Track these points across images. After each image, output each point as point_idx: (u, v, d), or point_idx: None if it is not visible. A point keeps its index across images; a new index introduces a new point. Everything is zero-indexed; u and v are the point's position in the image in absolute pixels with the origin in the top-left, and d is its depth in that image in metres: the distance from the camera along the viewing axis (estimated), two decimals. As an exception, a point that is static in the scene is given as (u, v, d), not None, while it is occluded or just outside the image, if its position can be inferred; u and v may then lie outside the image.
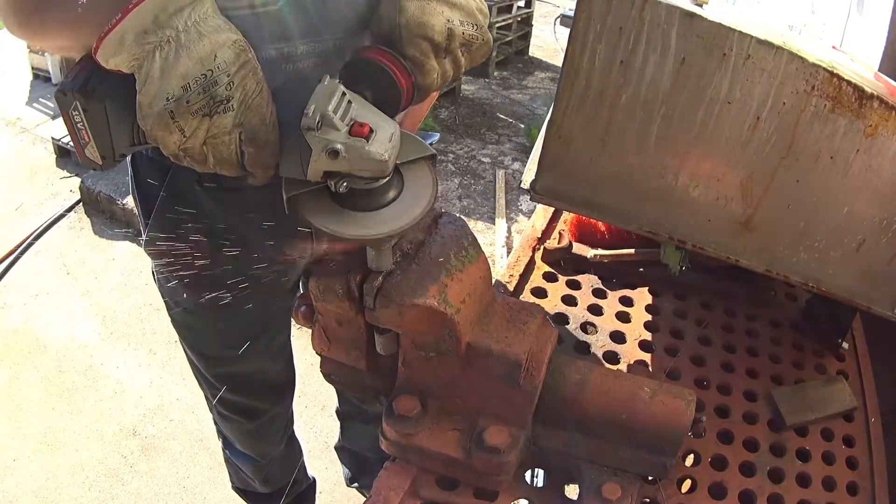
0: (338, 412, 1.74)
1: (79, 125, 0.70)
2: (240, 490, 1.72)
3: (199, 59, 0.62)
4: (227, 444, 1.57)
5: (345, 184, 0.67)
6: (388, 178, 0.70)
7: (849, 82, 0.68)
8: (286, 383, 1.45)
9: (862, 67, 0.76)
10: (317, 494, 1.92)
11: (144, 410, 2.37)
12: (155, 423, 2.32)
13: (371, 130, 0.66)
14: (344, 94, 0.67)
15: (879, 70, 0.85)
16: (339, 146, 0.64)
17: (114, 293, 2.83)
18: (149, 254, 1.12)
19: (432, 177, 0.74)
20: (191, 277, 1.10)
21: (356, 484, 1.94)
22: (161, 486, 2.13)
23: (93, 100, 0.69)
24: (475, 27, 0.81)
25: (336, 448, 1.87)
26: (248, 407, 1.41)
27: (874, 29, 0.95)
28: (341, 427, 1.76)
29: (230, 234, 1.04)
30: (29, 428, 2.28)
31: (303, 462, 1.77)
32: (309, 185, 0.69)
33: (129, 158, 1.05)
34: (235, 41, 0.64)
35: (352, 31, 0.85)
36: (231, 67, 0.63)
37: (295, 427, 1.66)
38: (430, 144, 0.90)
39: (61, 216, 3.30)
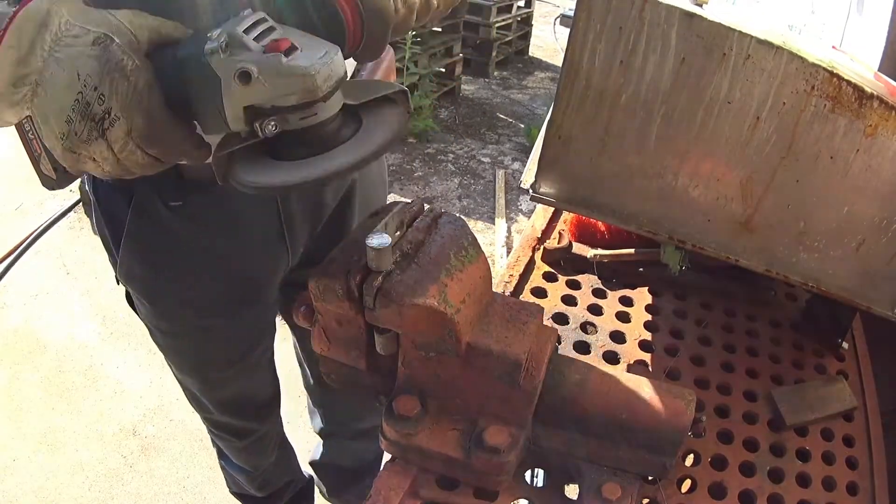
0: (321, 433, 1.71)
1: (30, 135, 0.65)
2: (237, 494, 1.73)
3: (65, 86, 0.57)
4: (221, 455, 1.58)
5: (273, 123, 0.57)
6: (332, 115, 0.59)
7: (849, 82, 0.68)
8: (273, 398, 1.44)
9: (862, 67, 0.76)
10: (318, 494, 1.92)
11: (144, 410, 2.37)
12: (155, 423, 2.33)
13: (294, 47, 0.56)
14: (265, 20, 0.57)
15: (879, 70, 0.85)
16: (250, 66, 0.54)
17: (114, 293, 2.83)
18: (123, 282, 1.06)
19: (396, 118, 0.63)
20: (169, 302, 1.06)
21: (335, 499, 1.90)
22: (161, 486, 2.13)
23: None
24: None
25: (312, 463, 1.81)
26: (239, 427, 1.40)
27: (874, 29, 0.95)
28: (324, 445, 1.73)
29: (202, 253, 0.99)
30: (29, 428, 2.28)
31: (297, 463, 1.77)
32: (239, 142, 0.59)
33: (90, 188, 0.98)
34: (94, 41, 0.56)
35: None
36: (96, 80, 0.56)
37: (293, 427, 1.66)
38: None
39: (61, 216, 3.31)
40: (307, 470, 1.84)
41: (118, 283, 1.07)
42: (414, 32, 4.05)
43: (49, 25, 0.56)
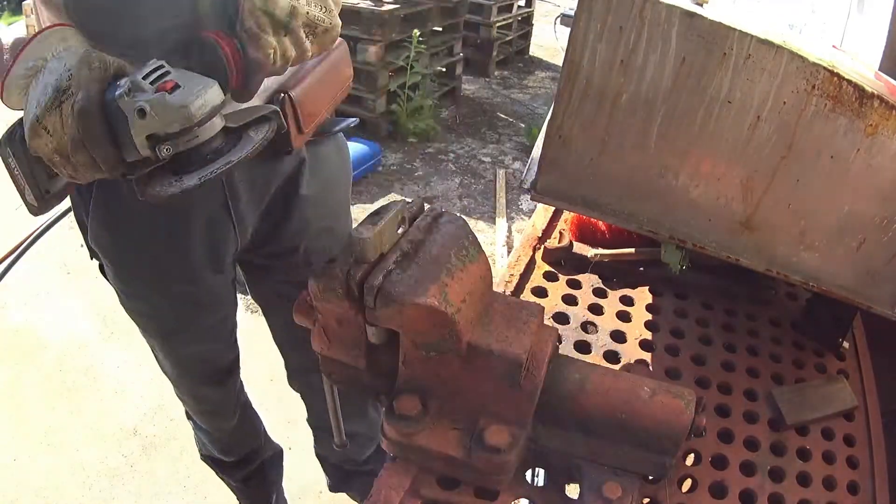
0: (308, 421, 1.74)
1: (15, 171, 0.82)
2: (207, 458, 1.78)
3: (54, 69, 0.76)
4: (187, 415, 1.67)
5: (167, 148, 0.74)
6: (211, 136, 0.76)
7: (849, 81, 0.68)
8: (230, 365, 1.50)
9: (862, 66, 0.76)
10: (318, 494, 1.92)
11: (145, 410, 2.37)
12: (155, 423, 2.33)
13: (177, 86, 0.73)
14: (162, 66, 0.75)
15: (880, 69, 0.85)
16: (143, 104, 0.71)
17: (114, 293, 2.82)
18: (93, 246, 1.18)
19: (268, 127, 0.81)
20: (130, 267, 1.18)
21: (341, 491, 1.92)
22: (161, 486, 2.13)
23: (18, 144, 0.80)
24: (323, 10, 0.83)
25: (317, 454, 1.85)
26: (196, 390, 1.50)
27: (874, 28, 0.95)
28: (314, 436, 1.76)
29: (155, 224, 1.10)
30: (29, 427, 2.28)
31: (264, 431, 1.81)
32: (149, 164, 0.77)
33: None
34: (86, 50, 0.76)
35: (194, 13, 0.88)
36: (73, 66, 0.75)
37: (294, 427, 1.66)
38: (349, 127, 1.07)
39: (61, 216, 3.30)
40: (303, 470, 1.85)
41: (88, 252, 1.22)
42: (419, 32, 4.05)
43: (67, 40, 0.80)
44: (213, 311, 1.32)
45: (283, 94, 0.98)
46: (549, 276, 1.06)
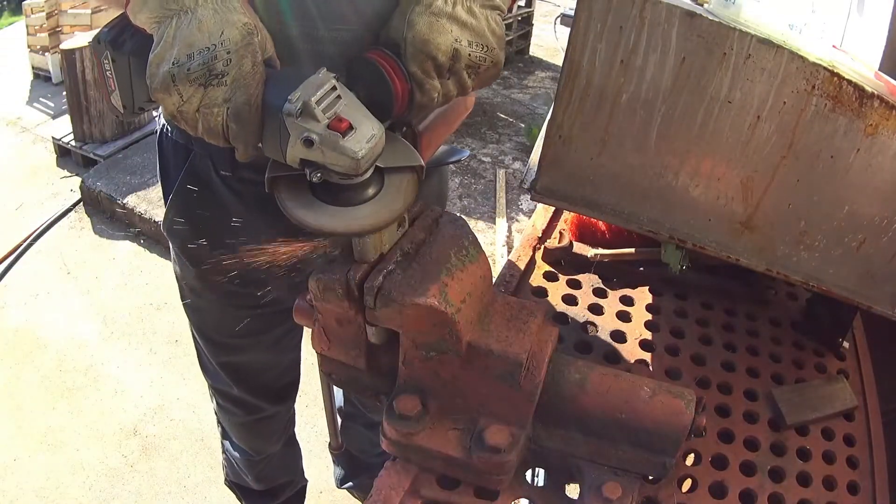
0: (340, 411, 1.73)
1: (108, 73, 0.75)
2: (233, 484, 1.71)
3: (207, 32, 0.67)
4: (224, 434, 1.57)
5: (318, 174, 0.69)
6: (364, 178, 0.72)
7: (849, 81, 0.68)
8: (290, 384, 1.45)
9: (862, 66, 0.76)
10: (318, 494, 1.92)
11: (145, 410, 2.37)
12: (155, 423, 2.33)
13: (351, 127, 0.68)
14: (334, 88, 0.69)
15: (880, 69, 0.85)
16: (314, 136, 0.67)
17: (114, 293, 2.83)
18: (166, 234, 1.14)
19: (412, 188, 0.75)
20: (202, 262, 1.11)
21: (348, 484, 1.92)
22: (161, 486, 2.13)
23: (121, 52, 0.73)
24: (484, 48, 0.80)
25: (330, 447, 1.86)
26: (247, 401, 1.40)
27: (874, 28, 0.95)
28: (341, 426, 1.76)
29: (241, 223, 1.04)
30: (29, 427, 2.29)
31: (301, 465, 1.76)
32: (290, 170, 0.72)
33: (157, 139, 1.10)
34: (245, 24, 0.69)
35: (377, 24, 0.84)
36: (233, 46, 0.67)
37: (296, 428, 1.65)
38: (460, 160, 0.92)
39: (62, 216, 3.31)
40: (309, 472, 1.84)
41: (164, 232, 1.16)
42: None
43: None
44: (281, 322, 1.26)
45: (406, 128, 0.91)
46: (549, 276, 1.06)
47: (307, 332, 1.40)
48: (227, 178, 1.02)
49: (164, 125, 1.06)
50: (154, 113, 1.13)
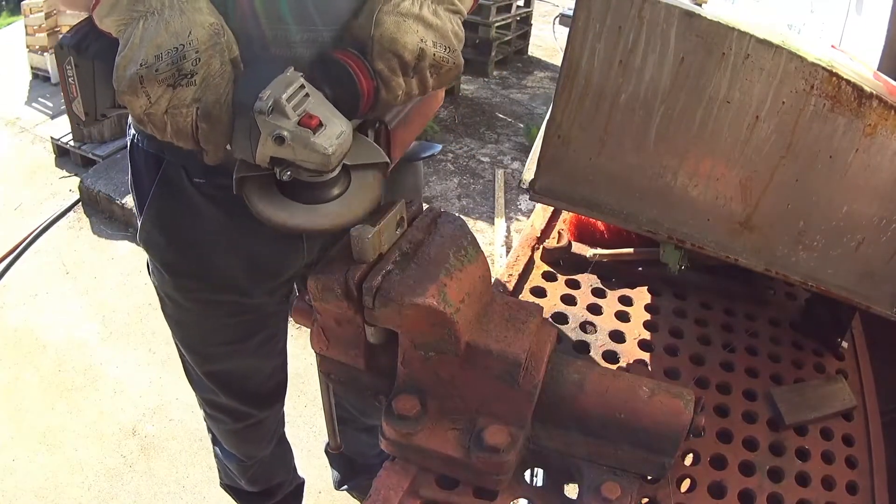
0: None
1: (70, 79, 0.77)
2: (227, 487, 1.72)
3: (174, 32, 0.67)
4: (214, 441, 1.57)
5: (288, 172, 0.70)
6: (332, 176, 0.73)
7: (848, 81, 0.68)
8: (276, 388, 1.44)
9: (861, 66, 0.76)
10: (317, 494, 1.92)
11: (144, 410, 2.37)
12: (154, 423, 2.33)
13: (321, 124, 0.69)
14: (303, 86, 0.70)
15: (878, 69, 0.85)
16: (285, 133, 0.67)
17: (113, 293, 2.83)
18: (143, 247, 1.13)
19: (378, 184, 0.77)
20: (182, 272, 1.11)
21: (345, 487, 1.92)
22: (160, 486, 2.13)
23: (84, 57, 0.74)
24: (447, 50, 0.82)
25: (326, 451, 1.86)
26: (234, 409, 1.40)
27: (873, 28, 0.95)
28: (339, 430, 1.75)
29: (217, 231, 1.05)
30: (28, 428, 2.28)
31: (293, 465, 1.76)
32: (258, 170, 0.72)
33: (128, 150, 1.08)
34: (212, 24, 0.69)
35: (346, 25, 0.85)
36: (201, 46, 0.68)
37: (293, 426, 1.65)
38: (433, 155, 0.93)
39: (61, 216, 3.31)
40: (308, 471, 1.84)
41: (139, 244, 1.14)
42: None
43: None
44: (263, 327, 1.25)
45: (379, 124, 0.92)
46: (548, 276, 1.06)
47: (291, 337, 1.41)
48: (201, 186, 1.01)
49: (134, 135, 1.03)
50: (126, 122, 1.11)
